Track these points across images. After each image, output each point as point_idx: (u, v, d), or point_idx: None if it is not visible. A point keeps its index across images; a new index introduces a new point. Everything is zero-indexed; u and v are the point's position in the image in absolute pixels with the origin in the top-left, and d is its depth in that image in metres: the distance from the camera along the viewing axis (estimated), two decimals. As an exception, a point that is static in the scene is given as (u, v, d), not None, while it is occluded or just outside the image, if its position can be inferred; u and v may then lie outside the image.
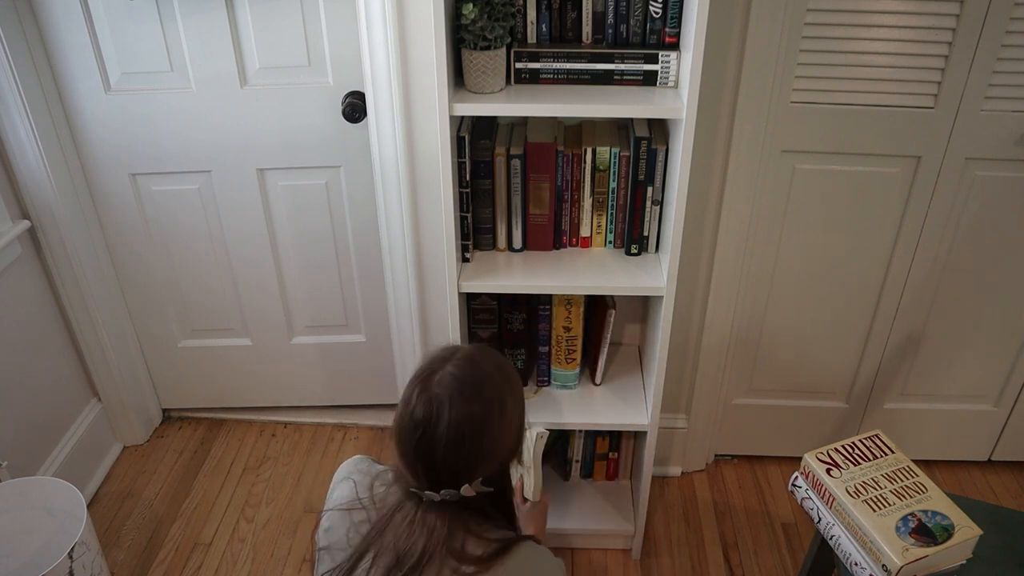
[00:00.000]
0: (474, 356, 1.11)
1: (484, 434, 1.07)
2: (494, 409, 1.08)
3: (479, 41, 1.36)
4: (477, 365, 1.10)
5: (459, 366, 1.08)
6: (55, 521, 1.67)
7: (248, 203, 2.01)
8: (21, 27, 1.73)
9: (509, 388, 1.12)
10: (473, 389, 1.07)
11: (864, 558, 1.31)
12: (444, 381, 1.06)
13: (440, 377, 1.07)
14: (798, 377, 2.07)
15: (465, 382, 1.07)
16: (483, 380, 1.09)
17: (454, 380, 1.06)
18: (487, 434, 1.07)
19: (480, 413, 1.06)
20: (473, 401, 1.06)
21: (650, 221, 1.63)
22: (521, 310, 1.76)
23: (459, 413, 1.05)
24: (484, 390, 1.08)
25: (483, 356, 1.12)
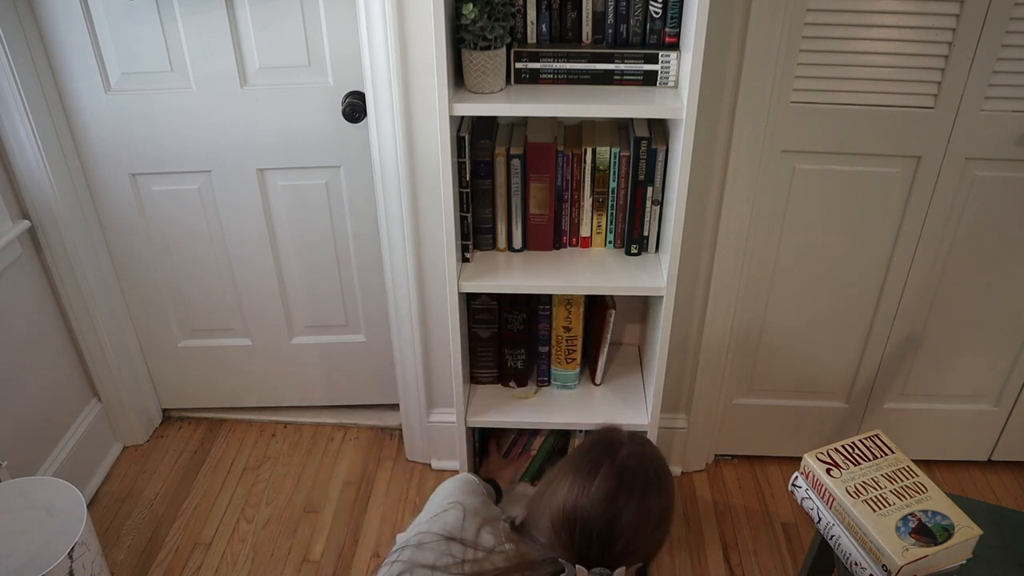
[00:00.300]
0: (647, 445, 1.08)
1: (664, 522, 1.03)
2: (674, 500, 1.05)
3: (479, 41, 1.36)
4: (657, 454, 1.08)
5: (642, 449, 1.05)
6: (55, 521, 1.67)
7: (248, 203, 2.01)
8: (21, 27, 1.73)
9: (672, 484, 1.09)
10: (664, 474, 1.04)
11: (864, 558, 1.31)
12: (632, 461, 1.02)
13: (626, 454, 1.02)
14: (798, 377, 2.07)
15: (659, 466, 1.04)
16: (668, 468, 1.06)
17: (642, 460, 1.03)
18: (666, 523, 1.03)
19: (668, 499, 1.03)
20: (664, 483, 1.03)
21: (650, 221, 1.63)
22: (521, 310, 1.76)
23: (654, 490, 1.01)
24: (670, 477, 1.06)
25: (652, 448, 1.09)
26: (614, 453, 1.03)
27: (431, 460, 2.20)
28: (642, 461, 1.03)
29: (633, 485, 1.00)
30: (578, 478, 1.01)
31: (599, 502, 0.98)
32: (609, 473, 1.00)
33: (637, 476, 1.01)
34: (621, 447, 1.04)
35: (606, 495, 0.98)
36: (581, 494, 0.99)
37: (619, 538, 0.98)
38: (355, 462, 2.22)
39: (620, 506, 0.98)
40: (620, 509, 0.98)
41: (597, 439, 1.07)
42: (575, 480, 1.01)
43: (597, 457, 1.03)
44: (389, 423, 2.32)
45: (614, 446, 1.04)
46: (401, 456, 2.23)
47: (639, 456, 1.04)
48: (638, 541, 0.99)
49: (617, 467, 1.01)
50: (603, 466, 1.01)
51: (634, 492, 1.00)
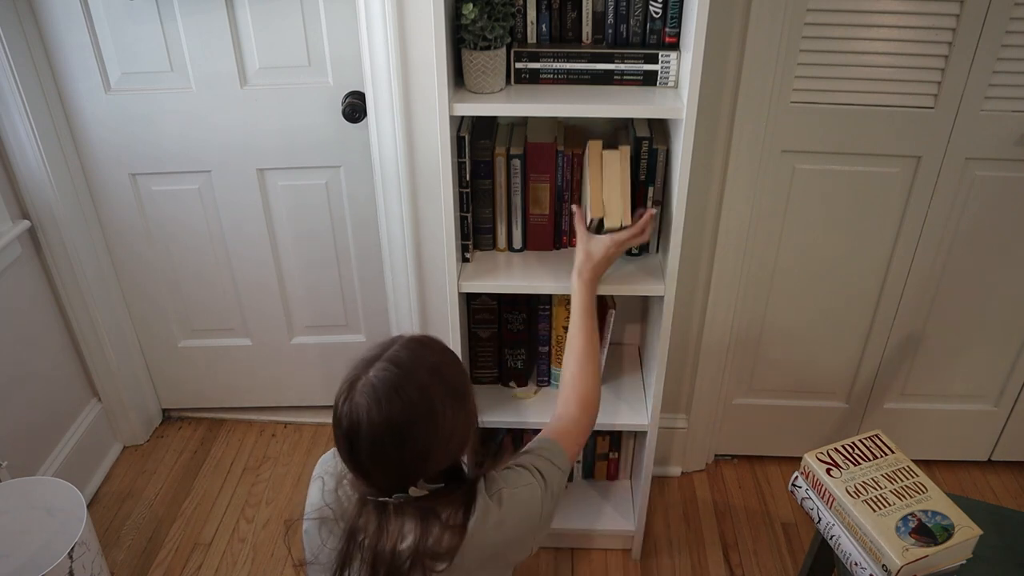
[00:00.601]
0: (400, 356, 1.06)
1: (407, 439, 1.03)
2: (417, 411, 1.03)
3: (479, 41, 1.36)
4: (402, 365, 1.04)
5: (383, 368, 1.04)
6: (55, 521, 1.67)
7: (248, 203, 2.01)
8: (21, 27, 1.73)
9: (442, 385, 1.06)
10: (392, 392, 1.02)
11: (864, 558, 1.31)
12: (365, 387, 1.03)
13: (363, 383, 1.03)
14: (798, 377, 2.07)
15: (383, 386, 1.02)
16: (403, 382, 1.03)
17: (371, 387, 1.02)
18: (412, 438, 1.03)
19: (399, 418, 1.02)
20: (391, 404, 1.02)
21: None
22: (521, 310, 1.76)
23: (377, 419, 1.01)
24: (404, 392, 1.03)
25: (413, 354, 1.07)
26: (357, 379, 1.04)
27: (431, 460, 2.20)
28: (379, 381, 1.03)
29: (361, 407, 1.02)
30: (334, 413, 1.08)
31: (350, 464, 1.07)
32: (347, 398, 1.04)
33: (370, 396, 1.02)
34: (371, 367, 1.04)
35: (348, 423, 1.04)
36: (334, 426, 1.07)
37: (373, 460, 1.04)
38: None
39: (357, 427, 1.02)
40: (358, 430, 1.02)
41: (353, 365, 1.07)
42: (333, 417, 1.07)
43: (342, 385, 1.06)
44: (389, 423, 2.32)
45: (359, 370, 1.05)
46: (401, 456, 2.23)
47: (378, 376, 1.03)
48: (395, 458, 1.03)
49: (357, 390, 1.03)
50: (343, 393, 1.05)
51: (369, 411, 1.02)
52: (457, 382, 1.10)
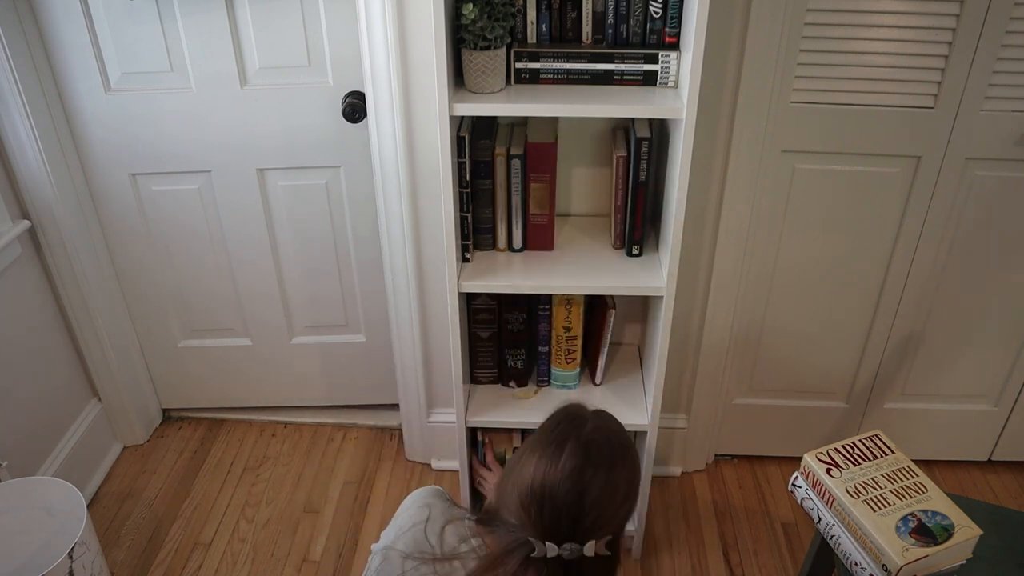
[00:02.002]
0: (611, 419, 1.10)
1: (632, 494, 1.03)
2: (640, 472, 1.07)
3: (479, 41, 1.36)
4: (620, 428, 1.09)
5: (606, 423, 1.07)
6: (55, 521, 1.67)
7: (248, 203, 2.01)
8: (21, 27, 1.73)
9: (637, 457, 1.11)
10: (630, 448, 1.06)
11: (864, 558, 1.31)
12: (597, 435, 1.03)
13: (591, 429, 1.04)
14: (798, 377, 2.07)
15: (624, 439, 1.06)
16: (633, 443, 1.08)
17: (607, 433, 1.04)
18: (633, 495, 1.04)
19: (634, 472, 1.04)
20: (629, 456, 1.05)
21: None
22: (521, 310, 1.76)
23: (620, 462, 1.03)
24: (635, 451, 1.07)
25: (616, 421, 1.11)
26: (579, 428, 1.04)
27: (431, 460, 2.20)
28: (607, 434, 1.05)
29: (599, 459, 1.01)
30: (544, 454, 1.01)
31: (567, 477, 0.99)
32: (575, 448, 1.01)
33: (603, 450, 1.02)
34: (586, 422, 1.05)
35: (573, 470, 0.99)
36: (548, 470, 1.00)
37: (588, 512, 0.98)
38: (355, 462, 2.22)
39: (587, 480, 0.99)
40: (588, 483, 0.99)
41: (562, 415, 1.08)
42: (542, 457, 1.01)
43: (563, 433, 1.04)
44: (389, 423, 2.32)
45: (579, 421, 1.05)
46: (401, 456, 2.23)
47: (604, 429, 1.05)
48: (607, 514, 1.00)
49: (583, 441, 1.02)
50: (569, 441, 1.02)
51: (601, 466, 1.00)
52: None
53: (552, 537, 0.98)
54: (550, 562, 0.99)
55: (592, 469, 1.00)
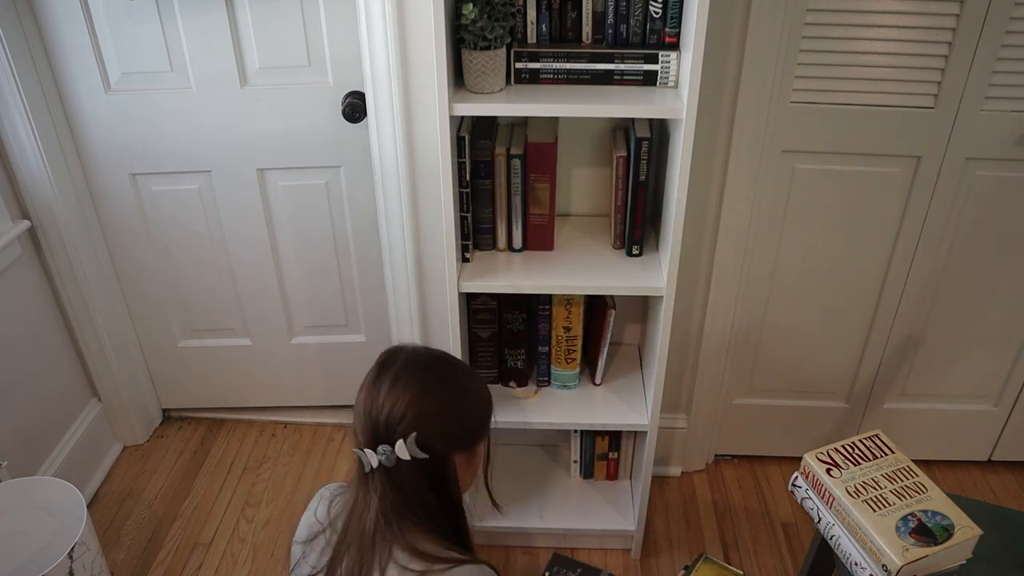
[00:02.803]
0: (427, 347, 1.21)
1: (431, 390, 1.11)
2: (454, 377, 1.17)
3: (479, 41, 1.36)
4: (436, 350, 1.20)
5: (417, 348, 1.18)
6: (55, 521, 1.67)
7: (248, 203, 2.01)
8: (21, 27, 1.73)
9: (475, 383, 1.21)
10: (438, 357, 1.18)
11: (864, 558, 1.31)
12: (399, 354, 1.15)
13: (404, 349, 1.16)
14: (798, 377, 2.07)
15: (433, 352, 1.18)
16: (450, 357, 1.20)
17: (422, 349, 1.18)
18: (436, 391, 1.12)
19: (439, 373, 1.15)
20: (435, 363, 1.17)
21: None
22: (521, 310, 1.76)
23: (417, 366, 1.13)
24: (450, 361, 1.19)
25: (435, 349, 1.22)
26: (386, 354, 1.16)
27: (431, 460, 2.20)
28: (410, 350, 1.16)
29: (391, 364, 1.13)
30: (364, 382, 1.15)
31: (365, 386, 1.12)
32: (375, 365, 1.15)
33: (399, 357, 1.14)
34: (395, 350, 1.17)
35: (370, 379, 1.13)
36: (359, 391, 1.13)
37: (382, 407, 1.08)
38: (355, 462, 2.22)
39: (381, 382, 1.11)
40: (380, 384, 1.10)
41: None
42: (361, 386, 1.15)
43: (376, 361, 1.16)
44: (389, 423, 2.32)
45: (389, 351, 1.17)
46: (401, 456, 2.23)
47: (409, 348, 1.17)
48: (399, 408, 1.08)
49: (383, 359, 1.15)
50: (375, 365, 1.15)
51: (391, 368, 1.12)
52: (483, 389, 1.23)
53: (369, 446, 1.09)
54: (380, 476, 1.09)
55: (383, 372, 1.12)
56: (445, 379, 1.16)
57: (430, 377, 1.13)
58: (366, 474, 1.10)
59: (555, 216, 1.66)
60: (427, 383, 1.12)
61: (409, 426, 1.08)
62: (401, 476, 1.09)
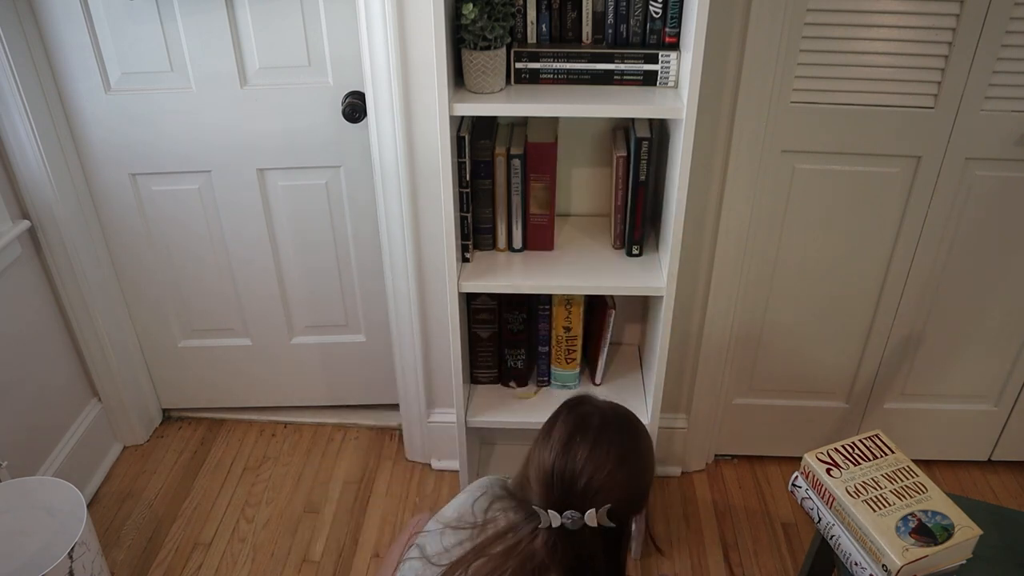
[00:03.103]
0: (614, 403, 1.16)
1: (627, 461, 1.07)
2: (642, 446, 1.11)
3: (479, 41, 1.36)
4: (620, 406, 1.15)
5: (602, 402, 1.13)
6: (55, 521, 1.67)
7: (248, 203, 2.01)
8: (21, 27, 1.73)
9: (651, 446, 1.16)
10: (628, 420, 1.12)
11: (864, 558, 1.31)
12: (589, 409, 1.10)
13: (585, 406, 1.11)
14: (798, 377, 2.07)
15: (620, 412, 1.13)
16: (636, 419, 1.14)
17: (601, 408, 1.11)
18: (630, 463, 1.07)
19: (631, 441, 1.09)
20: (627, 428, 1.11)
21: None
22: (521, 310, 1.76)
23: (613, 431, 1.08)
24: (638, 425, 1.13)
25: (618, 405, 1.16)
26: (574, 406, 1.12)
27: (431, 460, 2.20)
28: (601, 409, 1.12)
29: (588, 427, 1.07)
30: (543, 432, 1.11)
31: (557, 444, 1.06)
32: (566, 420, 1.09)
33: (593, 419, 1.09)
34: (581, 403, 1.13)
35: (562, 437, 1.07)
36: (543, 443, 1.08)
37: (578, 477, 1.03)
38: (355, 462, 2.22)
39: (576, 445, 1.05)
40: (576, 448, 1.05)
41: (564, 402, 1.15)
42: (540, 437, 1.10)
43: (558, 412, 1.12)
44: (389, 423, 2.32)
45: (574, 402, 1.14)
46: (401, 456, 2.23)
47: (598, 405, 1.12)
48: (598, 479, 1.04)
49: (574, 415, 1.10)
50: (562, 415, 1.10)
51: (588, 431, 1.07)
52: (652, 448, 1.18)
53: (553, 505, 1.03)
54: (556, 532, 1.03)
55: (580, 436, 1.06)
56: (638, 448, 1.11)
57: (626, 445, 1.09)
58: (537, 528, 1.04)
59: (555, 216, 1.66)
60: (624, 453, 1.07)
61: (605, 497, 1.03)
62: (581, 541, 1.03)
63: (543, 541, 1.03)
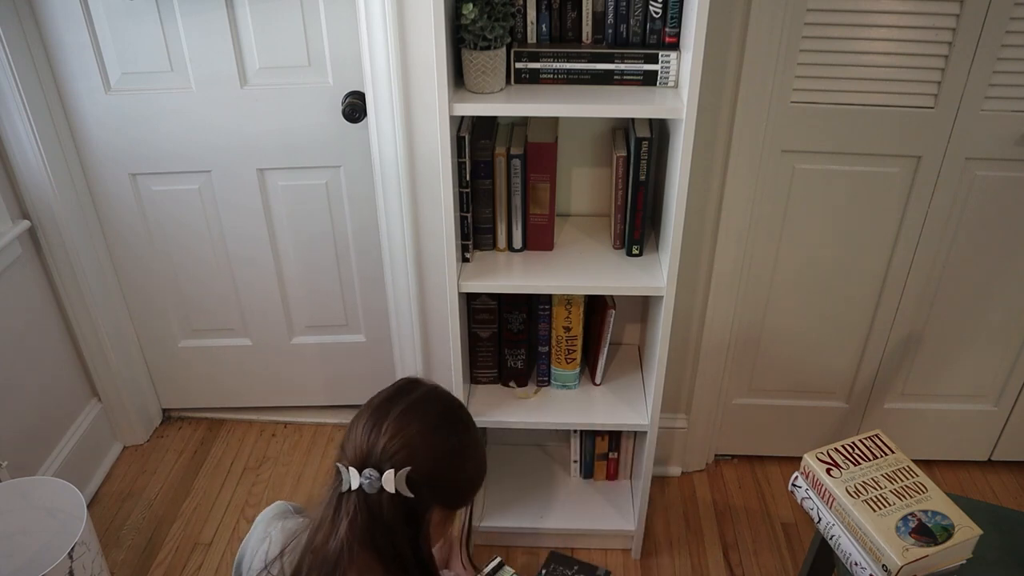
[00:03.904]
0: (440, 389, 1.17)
1: (438, 432, 1.08)
2: (460, 430, 1.12)
3: (479, 41, 1.36)
4: (448, 394, 1.16)
5: (430, 387, 1.14)
6: (55, 521, 1.67)
7: (248, 203, 2.01)
8: (21, 27, 1.73)
9: (479, 447, 1.16)
10: (453, 404, 1.14)
11: (864, 558, 1.31)
12: (411, 387, 1.12)
13: (424, 384, 1.13)
14: (798, 377, 2.07)
15: (449, 396, 1.15)
16: (463, 408, 1.16)
17: (441, 390, 1.14)
18: (442, 438, 1.08)
19: (448, 420, 1.11)
20: (450, 408, 1.13)
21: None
22: (521, 310, 1.76)
23: (431, 404, 1.10)
24: (462, 412, 1.14)
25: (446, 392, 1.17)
26: (403, 384, 1.13)
27: (431, 460, 2.20)
28: (429, 387, 1.13)
29: (406, 395, 1.10)
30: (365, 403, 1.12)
31: (372, 405, 1.09)
32: (388, 390, 1.12)
33: (416, 392, 1.11)
34: (414, 381, 1.14)
35: (379, 402, 1.09)
36: (361, 414, 1.09)
37: (382, 435, 1.05)
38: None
39: (387, 409, 1.07)
40: (387, 411, 1.07)
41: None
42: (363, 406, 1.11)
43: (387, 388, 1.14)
44: (389, 423, 2.32)
45: (407, 381, 1.15)
46: (401, 456, 2.23)
47: (428, 385, 1.14)
48: (402, 438, 1.05)
49: (397, 387, 1.12)
50: (386, 389, 1.12)
51: (405, 398, 1.09)
52: (481, 444, 1.19)
53: (355, 463, 1.04)
54: (357, 500, 1.04)
55: (398, 400, 1.09)
56: (455, 428, 1.11)
57: (442, 421, 1.10)
58: (340, 494, 1.05)
59: (555, 216, 1.66)
60: (437, 426, 1.08)
61: (404, 460, 1.03)
62: (378, 505, 1.03)
63: (345, 513, 1.04)
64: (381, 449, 1.04)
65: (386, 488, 1.03)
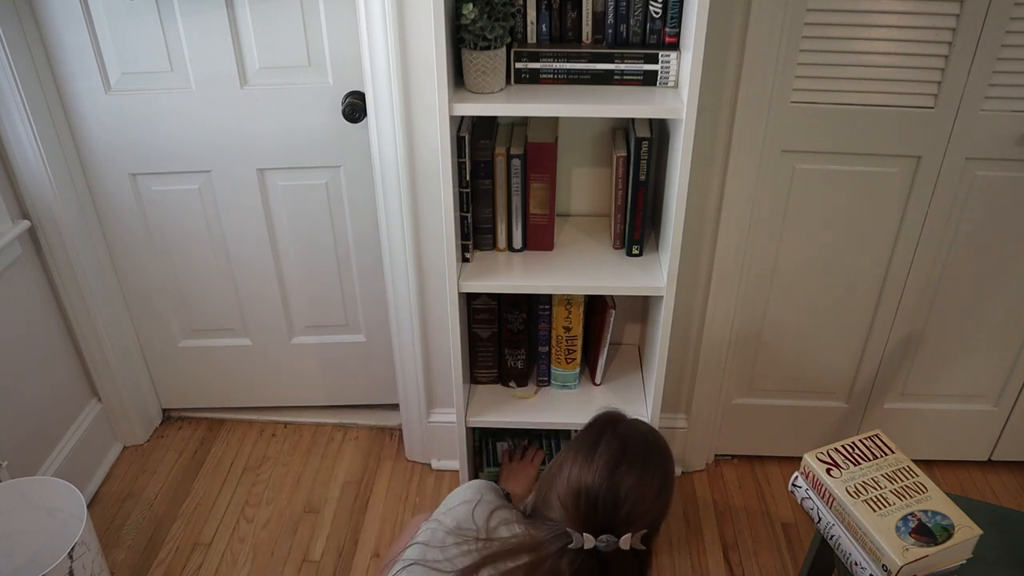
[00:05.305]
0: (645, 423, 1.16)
1: (666, 489, 1.07)
2: (671, 470, 1.11)
3: (479, 41, 1.36)
4: (653, 429, 1.15)
5: (639, 424, 1.13)
6: (55, 521, 1.67)
7: (248, 203, 2.01)
8: (21, 27, 1.73)
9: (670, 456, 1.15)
10: (664, 447, 1.12)
11: (864, 558, 1.31)
12: (631, 432, 1.09)
13: (625, 428, 1.10)
14: (798, 377, 2.07)
15: (658, 439, 1.12)
16: (667, 444, 1.14)
17: (641, 431, 1.11)
18: (668, 490, 1.08)
19: (669, 468, 1.10)
20: (665, 454, 1.11)
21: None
22: (521, 310, 1.76)
23: (656, 458, 1.07)
24: (669, 451, 1.13)
25: (649, 425, 1.16)
26: (614, 427, 1.10)
27: (431, 460, 2.20)
28: (641, 432, 1.11)
29: (634, 453, 1.06)
30: (581, 452, 1.06)
31: (602, 470, 1.03)
32: (611, 443, 1.06)
33: (637, 444, 1.07)
34: (619, 423, 1.11)
35: (608, 463, 1.04)
36: (584, 466, 1.04)
37: (622, 504, 1.02)
38: (355, 462, 2.22)
39: (623, 473, 1.03)
40: (623, 475, 1.03)
41: (597, 418, 1.13)
42: (578, 454, 1.07)
43: (598, 431, 1.09)
44: (389, 423, 2.32)
45: (614, 421, 1.11)
46: (401, 456, 2.24)
47: (638, 427, 1.11)
48: (642, 507, 1.03)
49: (618, 437, 1.07)
50: (604, 437, 1.07)
51: (635, 459, 1.05)
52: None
53: (590, 529, 1.01)
54: (585, 553, 1.01)
55: (627, 463, 1.04)
56: (672, 474, 1.11)
57: (667, 474, 1.09)
58: (566, 547, 1.02)
59: (555, 216, 1.66)
60: (664, 482, 1.07)
61: (642, 523, 1.03)
62: (609, 563, 1.02)
63: (569, 562, 1.02)
64: (624, 518, 1.02)
65: (623, 549, 1.02)
